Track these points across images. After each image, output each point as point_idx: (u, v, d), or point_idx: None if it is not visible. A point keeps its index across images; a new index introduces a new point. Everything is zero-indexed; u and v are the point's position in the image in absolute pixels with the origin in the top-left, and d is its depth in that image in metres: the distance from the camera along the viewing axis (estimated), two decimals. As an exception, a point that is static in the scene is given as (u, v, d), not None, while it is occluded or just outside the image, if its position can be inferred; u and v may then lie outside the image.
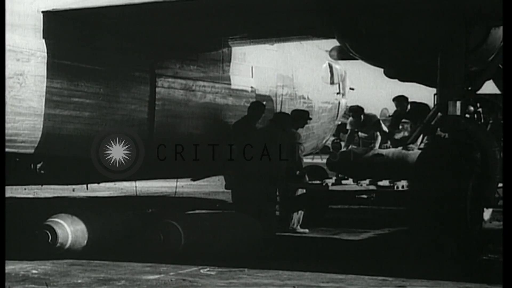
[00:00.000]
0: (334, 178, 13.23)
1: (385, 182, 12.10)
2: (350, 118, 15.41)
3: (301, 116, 12.66)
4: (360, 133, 15.27)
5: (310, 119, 12.92)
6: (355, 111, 15.14)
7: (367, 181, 12.61)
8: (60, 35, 10.36)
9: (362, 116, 14.84)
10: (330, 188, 12.56)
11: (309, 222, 12.37)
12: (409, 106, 14.51)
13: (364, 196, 12.89)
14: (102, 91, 10.83)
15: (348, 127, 15.51)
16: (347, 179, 13.00)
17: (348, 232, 12.30)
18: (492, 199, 9.54)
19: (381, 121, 14.85)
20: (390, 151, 13.24)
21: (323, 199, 13.01)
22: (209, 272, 8.34)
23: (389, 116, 21.58)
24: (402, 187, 11.75)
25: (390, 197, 12.00)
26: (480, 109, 12.84)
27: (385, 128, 14.59)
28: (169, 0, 10.03)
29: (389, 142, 14.12)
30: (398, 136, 14.26)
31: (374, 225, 12.91)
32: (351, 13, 9.59)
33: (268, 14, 10.43)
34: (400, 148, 13.10)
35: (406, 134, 14.19)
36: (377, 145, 14.27)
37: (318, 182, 12.45)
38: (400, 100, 14.58)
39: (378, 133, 14.50)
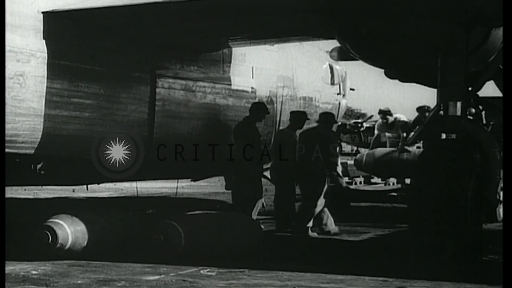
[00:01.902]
0: (362, 177, 13.71)
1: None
2: (379, 121, 16.22)
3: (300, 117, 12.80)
4: (386, 134, 15.80)
5: (308, 119, 13.02)
6: (385, 113, 15.91)
7: (394, 180, 12.97)
8: (60, 35, 10.36)
9: (390, 118, 15.48)
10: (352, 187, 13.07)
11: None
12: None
13: (394, 194, 13.30)
14: (102, 91, 10.83)
15: (376, 131, 16.07)
16: (373, 177, 13.52)
17: (349, 233, 12.34)
18: (493, 199, 9.54)
19: (408, 123, 15.38)
20: (415, 149, 13.57)
21: (343, 197, 13.49)
22: (209, 272, 8.34)
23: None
24: None
25: None
26: (483, 112, 12.90)
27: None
28: (169, 1, 10.02)
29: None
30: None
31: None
32: (352, 13, 9.59)
33: (268, 15, 10.44)
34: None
35: None
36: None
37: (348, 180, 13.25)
38: (422, 110, 14.95)
39: (405, 134, 14.90)
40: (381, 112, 16.22)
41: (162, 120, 11.64)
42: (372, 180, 14.88)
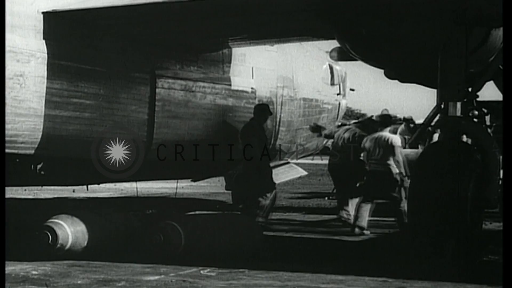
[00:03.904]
0: None
1: None
2: (402, 126, 17.56)
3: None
4: (405, 136, 16.63)
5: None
6: (408, 121, 17.50)
7: None
8: (60, 36, 10.36)
9: (412, 124, 16.43)
10: None
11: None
12: None
13: None
14: (102, 92, 10.83)
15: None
16: None
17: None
18: (492, 200, 9.53)
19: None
20: None
21: None
22: (209, 273, 8.34)
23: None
24: None
25: None
26: (488, 116, 12.96)
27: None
28: (169, 1, 10.02)
29: None
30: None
31: None
32: (351, 14, 9.59)
33: (268, 15, 10.44)
34: None
35: None
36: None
37: None
38: None
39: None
40: (405, 120, 17.79)
41: (162, 120, 11.64)
42: None
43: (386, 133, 12.94)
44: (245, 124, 12.64)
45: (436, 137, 15.19)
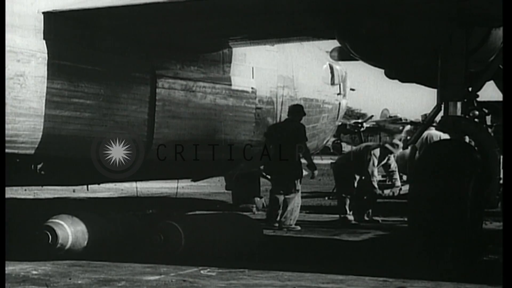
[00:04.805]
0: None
1: None
2: (409, 127, 18.71)
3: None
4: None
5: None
6: (416, 124, 18.56)
7: None
8: (61, 36, 10.36)
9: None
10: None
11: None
12: None
13: None
14: (103, 92, 10.83)
15: (403, 134, 18.43)
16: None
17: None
18: (493, 200, 9.53)
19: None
20: None
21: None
22: (210, 273, 8.34)
23: (390, 117, 22.94)
24: None
25: None
26: (489, 116, 12.98)
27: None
28: (169, 1, 10.03)
29: None
30: None
31: None
32: (352, 14, 9.59)
33: (268, 15, 10.43)
34: None
35: None
36: None
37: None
38: None
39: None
40: (413, 123, 19.04)
41: (162, 120, 11.64)
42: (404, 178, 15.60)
43: (433, 131, 13.12)
44: (278, 123, 13.14)
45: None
